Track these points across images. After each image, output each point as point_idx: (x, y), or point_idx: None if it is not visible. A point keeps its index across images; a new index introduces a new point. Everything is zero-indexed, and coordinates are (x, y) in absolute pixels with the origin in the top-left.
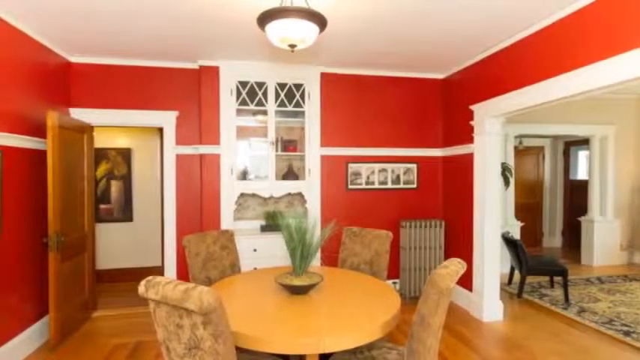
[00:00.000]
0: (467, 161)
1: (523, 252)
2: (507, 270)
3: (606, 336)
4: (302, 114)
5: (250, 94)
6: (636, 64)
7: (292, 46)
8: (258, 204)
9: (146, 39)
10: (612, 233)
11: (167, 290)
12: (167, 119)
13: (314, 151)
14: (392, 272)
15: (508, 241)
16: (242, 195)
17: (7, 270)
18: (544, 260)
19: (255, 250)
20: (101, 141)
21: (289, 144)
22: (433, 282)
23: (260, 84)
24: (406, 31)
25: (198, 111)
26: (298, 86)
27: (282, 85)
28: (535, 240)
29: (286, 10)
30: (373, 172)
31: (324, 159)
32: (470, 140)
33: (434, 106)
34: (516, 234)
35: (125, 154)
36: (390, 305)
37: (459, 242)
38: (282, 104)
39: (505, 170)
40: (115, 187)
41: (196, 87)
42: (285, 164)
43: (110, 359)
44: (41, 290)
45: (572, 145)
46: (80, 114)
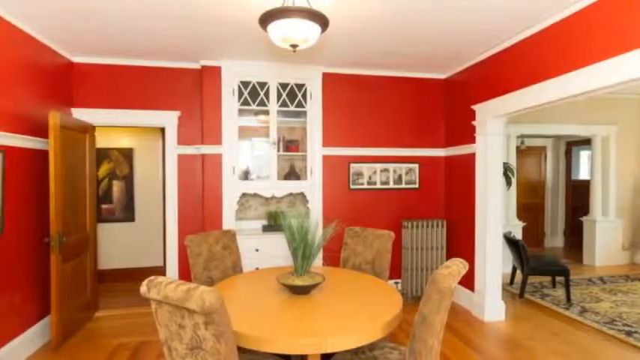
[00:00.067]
0: (469, 161)
1: (525, 252)
2: (509, 270)
3: (608, 336)
4: (304, 114)
5: (252, 94)
6: (638, 64)
7: (294, 46)
8: (260, 204)
9: (147, 39)
10: (614, 233)
11: (169, 290)
12: (169, 119)
13: (316, 151)
14: (394, 272)
15: (510, 241)
16: (244, 195)
17: (9, 270)
18: (546, 260)
19: (257, 250)
20: (103, 141)
21: (291, 144)
22: (435, 282)
23: (262, 84)
24: (408, 32)
25: (200, 111)
26: (300, 86)
27: (283, 85)
28: (537, 240)
29: (288, 10)
30: (375, 172)
31: (326, 159)
32: (472, 140)
33: (436, 107)
34: (518, 234)
35: (127, 154)
36: (392, 305)
37: (461, 242)
38: (283, 104)
39: (507, 170)
40: (117, 187)
41: (198, 87)
42: (287, 164)
43: (112, 359)
44: (43, 290)
45: (574, 145)
46: (82, 114)
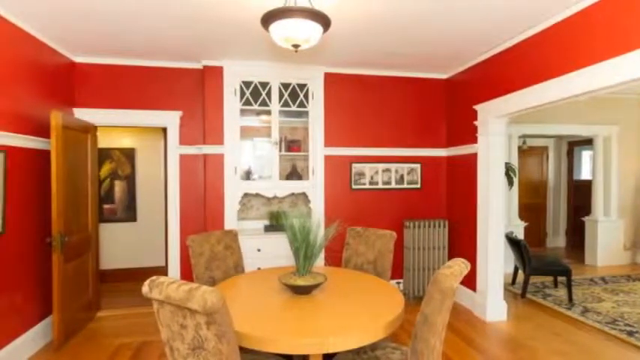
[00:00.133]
0: (471, 161)
1: (527, 252)
2: (511, 270)
3: (610, 336)
4: (306, 114)
5: (254, 94)
6: None
7: (296, 46)
8: (261, 204)
9: (149, 39)
10: (616, 233)
11: (171, 290)
12: (171, 119)
13: (318, 151)
14: (396, 272)
15: (512, 241)
16: (246, 195)
17: (11, 270)
18: (548, 260)
19: (258, 250)
20: (105, 141)
21: (293, 144)
22: (437, 282)
23: (264, 84)
24: (409, 32)
25: (202, 111)
26: (302, 86)
27: (285, 85)
28: (539, 240)
29: (290, 10)
30: (377, 172)
31: (328, 159)
32: (474, 140)
33: (437, 107)
34: (520, 234)
35: (129, 154)
36: (394, 305)
37: (463, 242)
38: (285, 104)
39: (509, 170)
40: (119, 187)
41: (200, 87)
42: (288, 164)
43: (114, 359)
44: (45, 290)
45: (575, 145)
46: (84, 114)
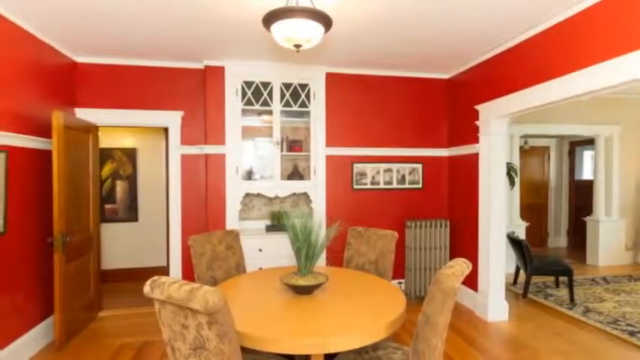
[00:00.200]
0: (472, 161)
1: (528, 252)
2: (512, 270)
3: (611, 336)
4: (307, 114)
5: (255, 94)
6: None
7: (298, 46)
8: (263, 204)
9: (150, 39)
10: (617, 233)
11: (172, 290)
12: (172, 119)
13: (319, 151)
14: (397, 272)
15: (513, 241)
16: (247, 195)
17: (12, 270)
18: (549, 260)
19: (260, 250)
20: (106, 141)
21: (294, 144)
22: (438, 282)
23: (265, 84)
24: (410, 32)
25: (203, 111)
26: (303, 86)
27: (287, 85)
28: (540, 240)
29: (292, 10)
30: (378, 172)
31: (330, 159)
32: (475, 140)
33: (439, 107)
34: (521, 234)
35: (130, 154)
36: (396, 305)
37: (465, 242)
38: (287, 104)
39: (510, 170)
40: (121, 187)
41: (201, 87)
42: (290, 164)
43: (115, 359)
44: (46, 290)
45: (577, 145)
46: (85, 114)
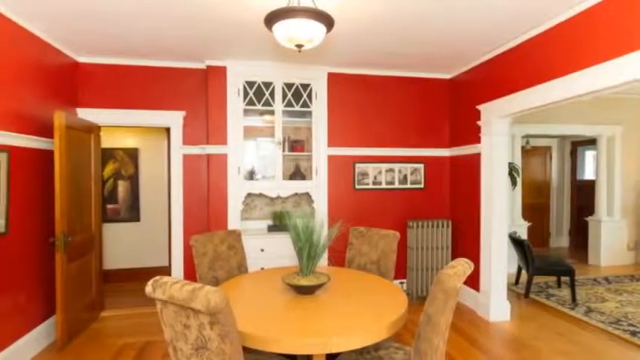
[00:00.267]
0: (474, 161)
1: (530, 252)
2: (514, 270)
3: (613, 336)
4: (309, 114)
5: (257, 94)
6: None
7: (299, 46)
8: (265, 204)
9: (151, 39)
10: (619, 233)
11: (174, 290)
12: (174, 119)
13: (321, 151)
14: (399, 272)
15: (515, 241)
16: (249, 195)
17: (14, 270)
18: (551, 260)
19: (262, 250)
20: (108, 141)
21: (296, 144)
22: (440, 282)
23: (267, 84)
24: (412, 32)
25: (205, 111)
26: (305, 86)
27: (289, 85)
28: (542, 240)
29: (293, 10)
30: (380, 172)
31: (331, 159)
32: (477, 140)
33: (441, 106)
34: (523, 234)
35: (132, 154)
36: (397, 305)
37: (466, 242)
38: (289, 104)
39: (512, 170)
40: (122, 187)
41: (203, 87)
42: (292, 164)
43: (117, 359)
44: (48, 290)
45: (579, 145)
46: (87, 114)
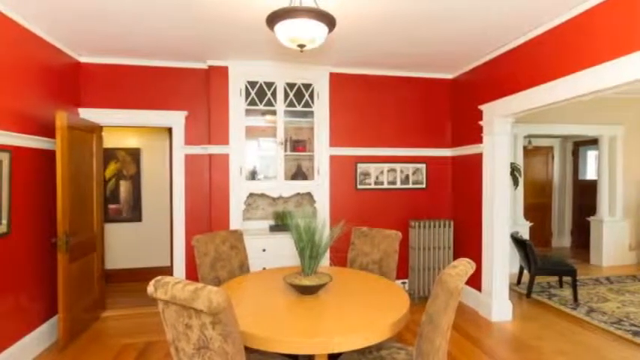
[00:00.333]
0: (476, 161)
1: (532, 252)
2: (516, 270)
3: (615, 336)
4: (311, 114)
5: (259, 94)
6: None
7: (301, 46)
8: (267, 204)
9: (153, 40)
10: (621, 233)
11: (176, 290)
12: (176, 119)
13: (323, 151)
14: (401, 272)
15: (517, 241)
16: (251, 195)
17: (16, 270)
18: (553, 260)
19: (264, 250)
20: (110, 141)
21: (298, 144)
22: (442, 282)
23: (269, 84)
24: (414, 32)
25: (207, 111)
26: (307, 86)
27: (291, 85)
28: (544, 240)
29: (295, 10)
30: (382, 172)
31: (333, 159)
32: (479, 140)
33: (443, 106)
34: (525, 234)
35: (134, 154)
36: (399, 305)
37: (468, 242)
38: (291, 104)
39: (514, 170)
40: (124, 187)
41: (205, 87)
42: (294, 164)
43: (119, 359)
44: (50, 290)
45: (581, 145)
46: (89, 114)
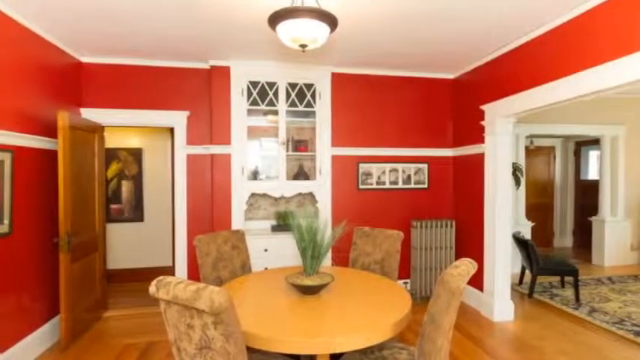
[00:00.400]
0: (478, 161)
1: (534, 252)
2: (518, 270)
3: (617, 336)
4: (313, 114)
5: (261, 94)
6: None
7: (303, 46)
8: (269, 204)
9: (156, 40)
10: (623, 233)
11: (178, 290)
12: (178, 119)
13: (325, 151)
14: (403, 272)
15: (519, 241)
16: (253, 195)
17: (18, 270)
18: (555, 260)
19: (265, 250)
20: (112, 141)
21: (300, 144)
22: (444, 282)
23: (271, 84)
24: (416, 32)
25: (209, 111)
26: (309, 86)
27: (292, 85)
28: (546, 240)
29: (297, 10)
30: (384, 172)
31: (335, 159)
32: (481, 140)
33: (444, 106)
34: (527, 234)
35: (136, 154)
36: (401, 305)
37: (470, 242)
38: (292, 104)
39: (516, 170)
40: (126, 187)
41: (207, 87)
42: (295, 164)
43: (121, 359)
44: (52, 290)
45: (582, 145)
46: (91, 114)
